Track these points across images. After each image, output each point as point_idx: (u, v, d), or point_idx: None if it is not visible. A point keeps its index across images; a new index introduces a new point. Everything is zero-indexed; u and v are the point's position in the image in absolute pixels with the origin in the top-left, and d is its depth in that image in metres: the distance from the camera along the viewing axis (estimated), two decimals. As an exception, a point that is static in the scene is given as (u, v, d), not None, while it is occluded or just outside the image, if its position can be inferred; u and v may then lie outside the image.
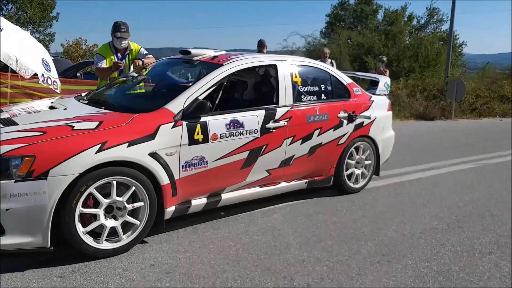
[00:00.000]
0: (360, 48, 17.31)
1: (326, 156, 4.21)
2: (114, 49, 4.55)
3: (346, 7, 23.75)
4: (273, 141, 3.70)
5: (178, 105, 3.19)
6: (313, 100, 4.08)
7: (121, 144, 2.82)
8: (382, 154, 4.79)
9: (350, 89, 4.48)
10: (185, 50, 3.91)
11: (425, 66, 16.31)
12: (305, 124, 3.94)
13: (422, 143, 8.06)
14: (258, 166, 3.66)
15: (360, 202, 4.32)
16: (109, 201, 2.86)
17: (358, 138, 4.46)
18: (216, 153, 3.34)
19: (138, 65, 4.35)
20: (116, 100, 3.72)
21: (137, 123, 2.99)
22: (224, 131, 3.35)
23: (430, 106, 12.94)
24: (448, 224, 3.85)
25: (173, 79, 4.69)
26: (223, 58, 3.72)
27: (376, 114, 4.61)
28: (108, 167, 2.78)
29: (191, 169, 3.22)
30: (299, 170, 4.05)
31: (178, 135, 3.11)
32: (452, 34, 14.66)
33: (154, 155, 2.97)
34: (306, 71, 4.20)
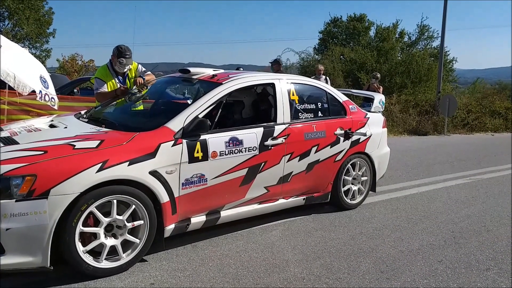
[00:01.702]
0: (353, 64, 17.52)
1: (323, 172, 4.24)
2: (114, 72, 4.45)
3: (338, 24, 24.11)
4: (272, 158, 3.73)
5: (178, 123, 3.21)
6: (310, 117, 4.13)
7: (122, 163, 2.82)
8: (378, 170, 4.83)
9: (346, 106, 4.54)
10: (184, 68, 3.95)
11: (417, 82, 16.52)
12: (303, 141, 3.97)
13: (416, 158, 8.13)
14: (257, 183, 3.67)
15: (357, 218, 4.34)
16: (109, 219, 2.85)
17: (355, 154, 4.50)
18: (216, 171, 3.35)
19: (140, 83, 4.35)
20: (116, 118, 3.73)
21: (137, 141, 3.00)
22: (224, 149, 3.37)
23: (423, 121, 13.09)
24: (445, 240, 3.86)
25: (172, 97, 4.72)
26: (222, 77, 3.76)
27: (372, 131, 4.66)
28: (109, 186, 2.77)
29: (191, 187, 3.22)
30: (297, 187, 4.07)
31: (178, 153, 3.12)
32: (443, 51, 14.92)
33: (155, 173, 2.98)
34: (302, 89, 4.25)
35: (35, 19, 22.48)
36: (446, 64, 19.37)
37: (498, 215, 4.68)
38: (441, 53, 14.74)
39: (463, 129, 13.61)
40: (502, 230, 4.18)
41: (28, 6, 21.87)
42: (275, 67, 8.00)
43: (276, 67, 8.00)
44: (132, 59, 4.44)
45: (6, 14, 21.92)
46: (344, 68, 17.55)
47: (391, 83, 16.29)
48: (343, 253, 3.46)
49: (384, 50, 18.07)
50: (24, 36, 22.49)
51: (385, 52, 17.96)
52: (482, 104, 14.60)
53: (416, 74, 16.53)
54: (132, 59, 4.44)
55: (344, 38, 22.99)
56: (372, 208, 4.70)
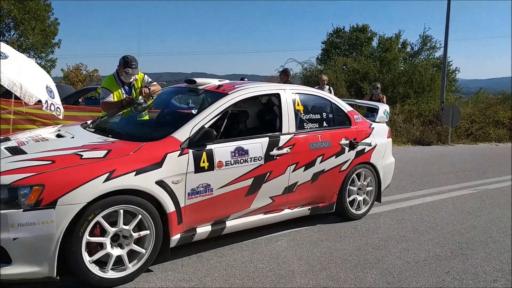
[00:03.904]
0: (355, 74, 17.57)
1: (328, 182, 4.24)
2: (120, 82, 4.48)
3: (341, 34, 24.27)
4: (277, 168, 3.73)
5: (184, 133, 3.23)
6: (315, 127, 4.14)
7: (129, 173, 2.84)
8: (383, 180, 4.83)
9: (351, 116, 4.55)
10: (190, 79, 3.98)
11: (420, 92, 16.53)
12: (308, 151, 3.98)
13: (421, 168, 8.11)
14: (262, 193, 3.68)
15: (363, 229, 4.32)
16: (116, 229, 2.86)
17: (360, 164, 4.51)
18: (221, 181, 3.36)
19: (146, 93, 4.38)
20: (123, 128, 3.76)
21: (144, 151, 3.02)
22: (229, 159, 3.38)
23: (426, 131, 13.07)
24: (452, 251, 3.84)
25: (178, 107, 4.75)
26: (227, 87, 3.80)
27: (377, 141, 4.67)
28: (116, 196, 2.79)
29: (197, 197, 3.23)
30: (302, 197, 4.07)
31: (185, 163, 3.14)
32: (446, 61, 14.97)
33: (161, 183, 2.99)
34: (307, 99, 4.27)
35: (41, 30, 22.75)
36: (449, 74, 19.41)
37: (504, 225, 4.66)
38: (444, 63, 14.78)
39: (467, 139, 13.58)
40: (508, 241, 4.15)
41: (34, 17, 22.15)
42: (283, 77, 8.03)
43: (284, 77, 8.02)
44: (138, 69, 4.48)
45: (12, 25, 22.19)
46: (347, 78, 17.60)
47: (394, 93, 16.31)
48: (349, 264, 3.45)
49: (386, 60, 18.14)
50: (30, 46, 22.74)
51: (387, 62, 18.02)
52: (486, 114, 14.58)
53: (419, 84, 16.55)
54: (138, 69, 4.48)
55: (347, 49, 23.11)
56: (377, 219, 4.69)
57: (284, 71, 8.16)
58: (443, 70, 14.82)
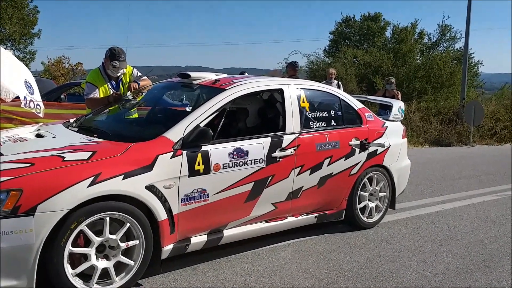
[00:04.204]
0: (367, 68, 17.59)
1: (337, 187, 4.24)
2: (106, 77, 4.48)
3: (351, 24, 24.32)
4: (280, 171, 3.73)
5: (177, 133, 3.23)
6: (322, 126, 4.15)
7: (116, 177, 2.84)
8: (398, 185, 4.83)
9: (361, 114, 4.56)
10: (184, 73, 3.99)
11: (438, 87, 16.53)
12: (314, 152, 3.99)
13: (439, 172, 8.11)
14: (264, 199, 3.68)
15: (375, 239, 4.32)
16: (101, 239, 2.86)
17: (372, 168, 4.51)
18: (218, 185, 3.36)
19: (135, 88, 4.39)
20: (109, 127, 3.76)
21: (133, 153, 3.02)
22: (227, 161, 3.39)
23: (445, 130, 13.07)
24: (474, 263, 3.84)
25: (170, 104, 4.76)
26: (225, 82, 3.80)
27: (391, 142, 4.67)
28: (101, 202, 2.79)
29: (191, 203, 3.23)
30: (308, 203, 4.07)
31: (178, 165, 3.14)
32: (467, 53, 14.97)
33: (151, 188, 2.99)
34: (314, 95, 4.27)
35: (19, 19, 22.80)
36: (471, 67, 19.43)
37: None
38: (465, 55, 14.79)
39: (491, 140, 13.58)
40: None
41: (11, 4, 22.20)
42: (290, 71, 7.96)
43: (291, 71, 7.96)
44: (126, 62, 4.49)
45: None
46: (358, 72, 17.62)
47: (410, 89, 16.31)
48: (360, 277, 3.45)
49: (401, 53, 18.13)
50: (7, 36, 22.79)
51: (402, 55, 18.02)
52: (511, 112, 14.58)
53: (437, 79, 16.55)
54: (126, 62, 4.49)
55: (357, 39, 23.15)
56: (391, 228, 4.68)
57: (292, 64, 8.05)
58: (464, 63, 14.83)
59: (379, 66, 17.27)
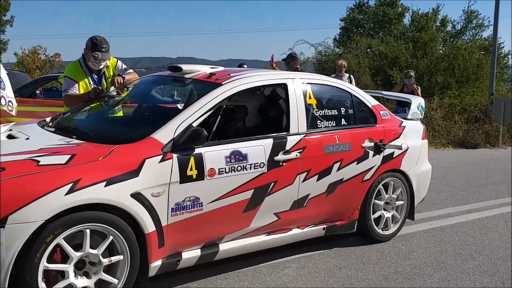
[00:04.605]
0: (383, 59, 17.64)
1: (348, 195, 4.24)
2: (87, 70, 4.48)
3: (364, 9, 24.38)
4: (283, 177, 3.74)
5: (167, 133, 3.24)
6: (331, 126, 4.15)
7: (97, 183, 2.84)
8: (417, 192, 4.83)
9: (376, 112, 4.57)
10: (175, 66, 4.00)
11: (463, 81, 16.58)
12: (322, 155, 3.99)
13: (464, 177, 8.11)
14: (265, 209, 3.68)
15: (391, 253, 4.33)
16: (80, 254, 2.85)
17: (388, 173, 4.51)
18: (214, 193, 3.36)
19: (119, 83, 4.39)
20: (91, 127, 3.76)
21: (117, 156, 3.02)
22: (224, 165, 3.39)
23: (471, 130, 13.08)
24: (503, 281, 3.84)
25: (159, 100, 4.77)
26: (222, 76, 3.81)
27: (409, 143, 4.67)
28: (81, 212, 2.79)
29: (183, 213, 3.24)
30: (315, 213, 4.08)
31: (167, 171, 3.14)
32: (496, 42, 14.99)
33: (138, 196, 2.99)
34: (322, 91, 4.28)
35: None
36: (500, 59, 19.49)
37: None
38: (494, 45, 14.82)
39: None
40: None
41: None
42: (293, 64, 7.96)
43: (293, 64, 7.95)
44: (110, 53, 4.50)
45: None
46: (372, 64, 17.65)
47: (431, 83, 16.35)
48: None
49: (421, 42, 18.17)
50: (-25, 24, 22.85)
51: (423, 44, 18.06)
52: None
53: (462, 72, 16.58)
54: (110, 53, 4.50)
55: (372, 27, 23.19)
56: (409, 241, 4.69)
57: (290, 56, 8.09)
58: (492, 54, 14.85)
59: (396, 58, 17.30)
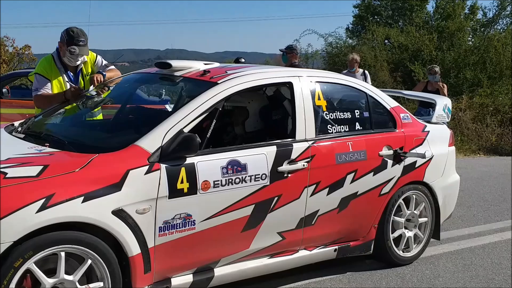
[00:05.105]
0: (403, 52, 17.64)
1: (363, 211, 4.25)
2: (62, 66, 4.50)
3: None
4: (289, 190, 3.75)
5: (154, 140, 3.24)
6: (344, 131, 4.16)
7: (73, 199, 2.85)
8: (444, 208, 4.83)
9: (395, 115, 4.58)
10: (163, 61, 4.01)
11: (496, 78, 16.55)
12: (334, 165, 4.00)
13: (498, 189, 8.09)
14: (267, 227, 3.69)
15: (413, 279, 4.33)
16: (54, 281, 2.85)
17: (409, 185, 4.52)
18: (208, 209, 3.37)
19: (99, 81, 4.40)
20: (66, 133, 3.77)
21: (96, 167, 3.03)
22: (219, 177, 3.40)
23: (506, 135, 13.06)
24: (544, 311, 3.84)
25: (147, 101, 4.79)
26: (217, 74, 3.82)
27: (434, 151, 4.68)
28: (55, 232, 2.79)
29: (172, 233, 3.24)
30: (326, 232, 4.08)
31: (155, 184, 3.15)
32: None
33: (120, 213, 3.00)
34: (333, 91, 4.31)
35: None
36: (539, 52, 19.43)
37: None
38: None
39: None
40: None
41: None
42: (290, 56, 8.00)
43: (291, 56, 8.00)
44: (88, 47, 4.52)
45: None
46: (391, 58, 17.66)
47: (459, 80, 16.35)
48: (394, 330, 3.45)
49: (448, 32, 18.19)
50: None
51: (449, 35, 18.08)
52: None
53: (495, 66, 16.58)
54: (88, 47, 4.52)
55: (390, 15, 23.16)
56: (435, 264, 4.69)
57: (289, 47, 8.07)
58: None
59: (419, 50, 17.31)
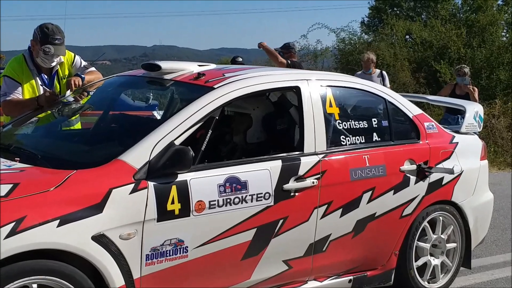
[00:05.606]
0: (426, 49, 17.69)
1: (382, 236, 4.25)
2: (35, 68, 4.52)
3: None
4: (296, 212, 3.75)
5: (141, 154, 3.25)
6: (359, 143, 4.17)
7: (47, 222, 2.84)
8: (475, 231, 4.82)
9: (419, 124, 4.58)
10: (151, 63, 4.02)
11: (535, 79, 16.62)
12: (348, 183, 4.00)
13: (538, 209, 8.07)
14: (271, 255, 3.69)
15: (441, 315, 4.32)
16: (25, 317, 2.86)
17: (435, 205, 4.52)
18: (203, 234, 3.37)
19: (77, 85, 4.41)
20: (39, 145, 3.77)
21: (74, 186, 3.03)
22: (216, 197, 3.40)
23: (546, 146, 13.06)
24: None
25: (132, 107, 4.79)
26: (213, 77, 3.82)
27: (464, 166, 4.68)
28: (26, 261, 2.79)
29: (161, 261, 3.24)
30: (339, 260, 4.08)
31: (141, 205, 3.14)
32: None
33: (101, 239, 3.00)
34: (347, 96, 4.32)
35: None
36: None
37: None
38: None
39: None
40: None
41: None
42: (287, 56, 8.02)
43: (288, 56, 8.02)
44: (65, 46, 4.53)
45: None
46: (413, 56, 17.72)
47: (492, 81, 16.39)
48: None
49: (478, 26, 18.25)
50: None
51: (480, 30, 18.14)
52: None
53: (533, 66, 16.63)
54: (65, 46, 4.53)
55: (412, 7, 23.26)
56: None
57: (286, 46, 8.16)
58: None
59: (445, 47, 17.36)
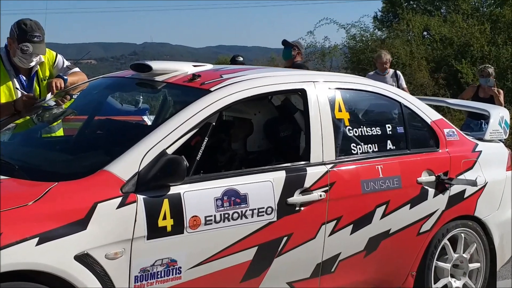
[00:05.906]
0: (446, 47, 17.72)
1: (397, 255, 4.25)
2: (12, 68, 4.54)
3: (419, -26, 24.55)
4: (301, 228, 3.75)
5: (130, 164, 3.24)
6: (372, 151, 4.17)
7: (25, 240, 2.83)
8: (501, 250, 4.82)
9: (438, 131, 4.58)
10: (141, 63, 4.02)
11: None
12: (359, 196, 4.00)
13: None
14: (274, 276, 3.69)
15: None
16: None
17: (456, 221, 4.52)
18: (198, 253, 3.37)
19: (59, 87, 4.41)
20: (17, 155, 3.78)
21: (55, 199, 3.02)
22: (213, 212, 3.39)
23: None
24: None
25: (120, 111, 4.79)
26: (210, 79, 3.83)
27: (488, 177, 4.68)
28: (2, 283, 2.77)
29: (152, 284, 3.23)
30: (349, 282, 4.08)
31: (130, 220, 3.14)
32: None
33: (85, 258, 2.99)
34: (358, 100, 4.34)
35: None
36: None
37: None
38: None
39: None
40: None
41: None
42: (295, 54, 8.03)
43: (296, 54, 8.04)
44: (45, 44, 4.54)
45: None
46: (431, 55, 17.74)
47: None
48: None
49: (504, 22, 18.28)
50: None
51: (506, 26, 18.16)
52: None
53: None
54: (45, 44, 4.54)
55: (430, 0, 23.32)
56: (489, 322, 4.66)
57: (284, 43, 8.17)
58: None
59: (467, 45, 17.39)
